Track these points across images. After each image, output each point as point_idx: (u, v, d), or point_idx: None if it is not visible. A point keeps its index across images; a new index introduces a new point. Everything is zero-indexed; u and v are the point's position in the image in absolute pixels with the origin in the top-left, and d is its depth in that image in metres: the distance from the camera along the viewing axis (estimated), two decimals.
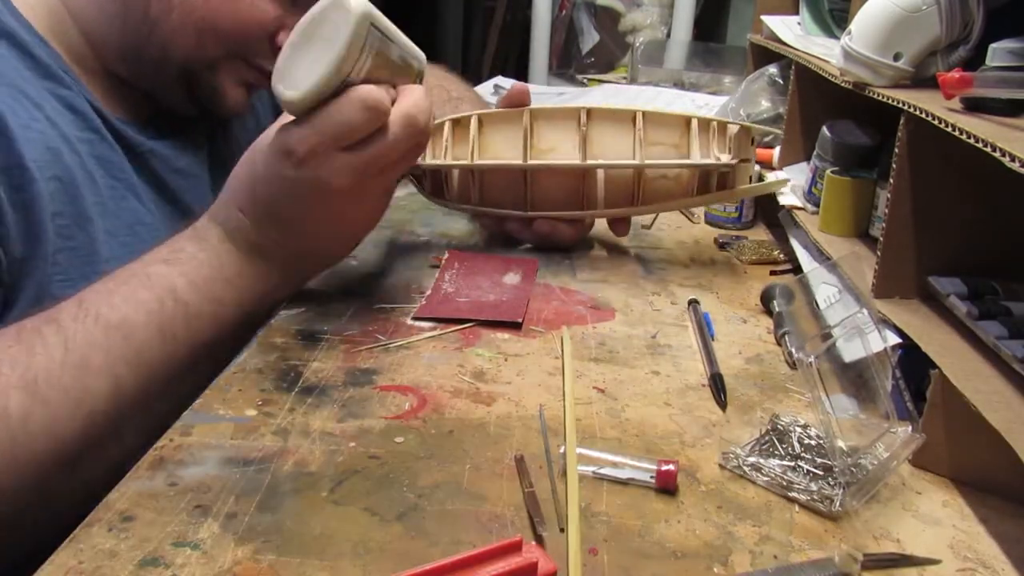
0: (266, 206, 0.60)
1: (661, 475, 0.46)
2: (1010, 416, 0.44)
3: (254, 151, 0.60)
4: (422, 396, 0.55)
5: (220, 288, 0.59)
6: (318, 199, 0.59)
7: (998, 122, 0.49)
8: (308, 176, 0.57)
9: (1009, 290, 0.57)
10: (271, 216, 0.60)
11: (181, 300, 0.57)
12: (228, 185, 0.62)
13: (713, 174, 0.77)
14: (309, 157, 0.56)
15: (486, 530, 0.43)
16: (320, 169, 0.57)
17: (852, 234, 0.73)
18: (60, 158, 0.62)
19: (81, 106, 0.66)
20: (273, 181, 0.58)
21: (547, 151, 0.78)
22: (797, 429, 0.51)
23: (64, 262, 0.62)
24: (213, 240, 0.60)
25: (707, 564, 0.41)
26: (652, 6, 2.25)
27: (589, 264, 0.81)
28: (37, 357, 0.51)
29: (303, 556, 0.40)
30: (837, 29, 0.93)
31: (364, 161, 0.57)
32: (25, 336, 0.52)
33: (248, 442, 0.49)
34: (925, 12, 0.62)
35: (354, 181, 0.58)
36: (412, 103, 0.58)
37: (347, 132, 0.56)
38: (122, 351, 0.54)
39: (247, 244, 0.60)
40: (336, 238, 0.64)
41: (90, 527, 0.41)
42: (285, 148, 0.57)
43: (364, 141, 0.57)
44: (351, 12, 0.54)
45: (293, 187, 0.58)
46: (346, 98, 0.55)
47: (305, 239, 0.62)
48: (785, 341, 0.64)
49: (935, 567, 0.42)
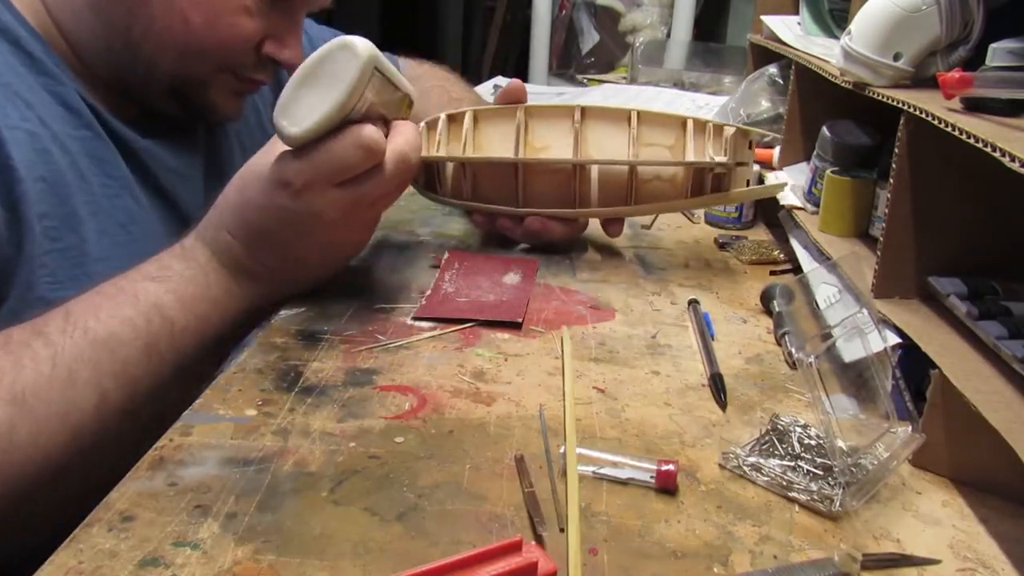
0: (257, 231, 0.61)
1: (661, 475, 0.46)
2: (1010, 416, 0.44)
3: (246, 176, 0.62)
4: (422, 396, 0.55)
5: (206, 307, 0.60)
6: (309, 228, 0.61)
7: (998, 122, 0.49)
8: (302, 208, 0.59)
9: (1009, 290, 0.57)
10: (261, 240, 0.62)
11: (167, 317, 0.58)
12: (217, 206, 0.63)
13: (708, 176, 0.76)
14: (304, 190, 0.59)
15: (486, 530, 0.43)
16: (314, 202, 0.59)
17: (852, 234, 0.73)
18: (49, 159, 0.62)
19: (75, 103, 0.66)
20: (266, 208, 0.60)
21: (541, 149, 0.78)
22: (797, 429, 0.51)
23: (52, 264, 0.62)
24: (201, 260, 0.62)
25: (707, 564, 0.41)
26: (652, 6, 2.26)
27: (589, 264, 0.81)
28: (25, 370, 0.52)
29: (303, 556, 0.40)
30: (837, 29, 0.93)
31: (357, 196, 0.60)
32: (13, 348, 0.53)
33: (248, 442, 0.49)
34: (925, 12, 0.62)
35: (346, 213, 0.61)
36: (405, 141, 0.61)
37: (343, 170, 0.58)
38: (109, 366, 0.54)
39: (235, 265, 0.62)
40: (322, 262, 0.67)
41: (90, 527, 0.41)
42: (282, 179, 0.59)
43: (358, 177, 0.59)
44: (359, 56, 0.57)
45: (286, 216, 0.60)
46: (344, 137, 0.57)
47: (293, 263, 0.64)
48: (785, 341, 0.64)
49: (935, 567, 0.42)
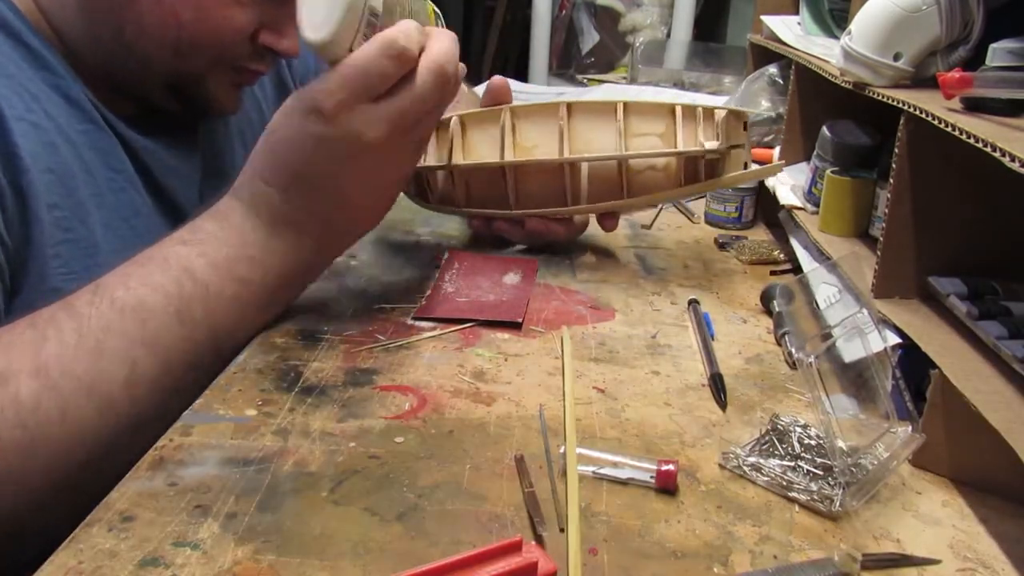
0: (293, 169, 0.57)
1: (661, 475, 0.46)
2: (1010, 416, 0.44)
3: (274, 122, 0.58)
4: (422, 396, 0.55)
5: (243, 267, 0.57)
6: (351, 155, 0.56)
7: (998, 122, 0.49)
8: (339, 131, 0.55)
9: (1009, 290, 0.57)
10: (299, 180, 0.57)
11: (200, 281, 0.55)
12: (249, 161, 0.59)
13: (701, 162, 0.73)
14: (337, 111, 0.54)
15: (486, 530, 0.43)
16: (351, 123, 0.55)
17: (852, 234, 0.73)
18: (55, 151, 0.61)
19: (77, 96, 0.65)
20: (300, 141, 0.56)
21: (531, 148, 0.77)
22: (797, 429, 0.51)
23: (66, 255, 0.61)
24: (235, 217, 0.58)
25: (707, 564, 0.41)
26: (652, 6, 2.26)
27: (589, 264, 0.81)
28: (49, 342, 0.50)
29: (303, 556, 0.40)
30: (837, 29, 0.93)
31: (396, 111, 0.55)
32: (39, 323, 0.52)
33: (248, 442, 0.49)
34: (925, 12, 0.62)
35: (387, 133, 0.56)
36: (440, 51, 0.56)
37: (374, 81, 0.54)
38: (139, 334, 0.52)
39: (273, 216, 0.58)
40: (368, 198, 0.61)
41: (90, 527, 0.41)
42: (312, 105, 0.55)
43: (392, 90, 0.55)
44: None
45: (323, 144, 0.55)
46: (369, 45, 0.53)
47: (336, 202, 0.59)
48: (785, 341, 0.64)
49: (935, 567, 0.42)
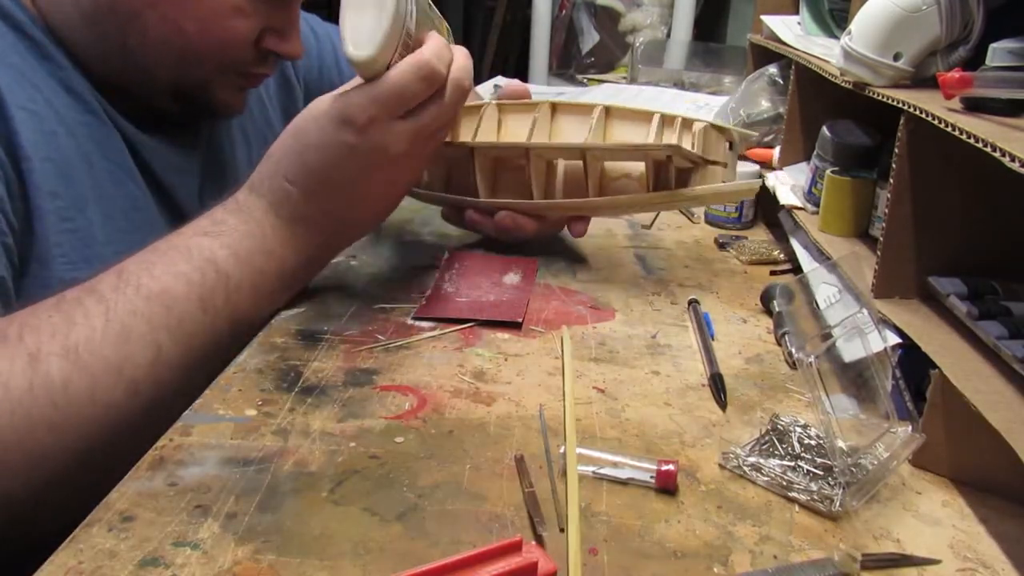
0: (319, 175, 0.61)
1: (661, 475, 0.46)
2: (1010, 416, 0.44)
3: (301, 123, 0.61)
4: (422, 396, 0.55)
5: (262, 260, 0.60)
6: (375, 165, 0.61)
7: (998, 122, 0.49)
8: (367, 144, 0.59)
9: (1009, 290, 0.57)
10: (323, 183, 0.61)
11: (222, 272, 0.58)
12: (270, 156, 0.62)
13: (670, 166, 0.72)
14: (369, 125, 0.59)
15: (486, 530, 0.43)
16: (380, 136, 0.59)
17: (852, 234, 0.73)
18: (56, 141, 0.62)
19: (79, 88, 0.65)
20: (329, 148, 0.60)
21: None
22: (797, 429, 0.51)
23: (65, 244, 0.62)
24: (257, 213, 0.61)
25: (707, 564, 0.41)
26: (652, 6, 2.26)
27: (589, 264, 0.81)
28: (78, 326, 0.52)
29: (303, 556, 0.40)
30: (837, 29, 0.93)
31: (420, 127, 0.61)
32: (65, 306, 0.53)
33: (248, 442, 0.49)
34: (925, 12, 0.62)
35: (410, 145, 0.61)
36: (458, 67, 0.62)
37: (406, 100, 0.59)
38: (163, 320, 0.54)
39: (292, 214, 0.61)
40: (382, 201, 0.66)
41: (90, 527, 0.41)
42: (345, 117, 0.59)
43: (419, 107, 0.60)
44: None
45: (352, 154, 0.60)
46: (406, 66, 0.58)
47: (351, 204, 0.63)
48: (785, 341, 0.64)
49: (935, 567, 0.42)
